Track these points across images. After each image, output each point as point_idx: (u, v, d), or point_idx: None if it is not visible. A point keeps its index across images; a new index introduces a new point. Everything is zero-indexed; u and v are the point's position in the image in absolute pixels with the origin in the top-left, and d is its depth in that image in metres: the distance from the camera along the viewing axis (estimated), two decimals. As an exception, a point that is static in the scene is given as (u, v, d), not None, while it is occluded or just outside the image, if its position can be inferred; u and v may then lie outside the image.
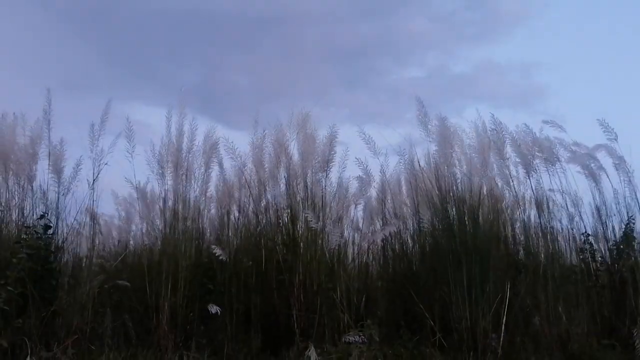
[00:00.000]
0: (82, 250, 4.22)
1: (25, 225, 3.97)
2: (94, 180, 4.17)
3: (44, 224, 3.97)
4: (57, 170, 4.12)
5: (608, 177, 4.45)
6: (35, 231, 3.90)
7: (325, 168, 4.28)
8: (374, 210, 4.80)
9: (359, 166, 4.41)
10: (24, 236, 3.83)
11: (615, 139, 4.37)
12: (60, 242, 4.03)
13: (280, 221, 4.25)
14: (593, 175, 4.46)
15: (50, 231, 3.98)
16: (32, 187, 4.12)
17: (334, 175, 4.41)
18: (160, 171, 4.20)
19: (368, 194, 4.66)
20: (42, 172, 4.14)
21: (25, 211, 4.09)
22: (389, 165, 4.62)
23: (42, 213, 4.02)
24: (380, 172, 4.58)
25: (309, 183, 4.24)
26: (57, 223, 4.05)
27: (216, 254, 3.94)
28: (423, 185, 4.22)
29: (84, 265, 4.03)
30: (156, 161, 4.20)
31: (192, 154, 4.28)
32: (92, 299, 3.87)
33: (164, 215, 4.22)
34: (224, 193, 4.62)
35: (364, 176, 4.47)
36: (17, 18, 10.80)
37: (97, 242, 4.35)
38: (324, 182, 4.31)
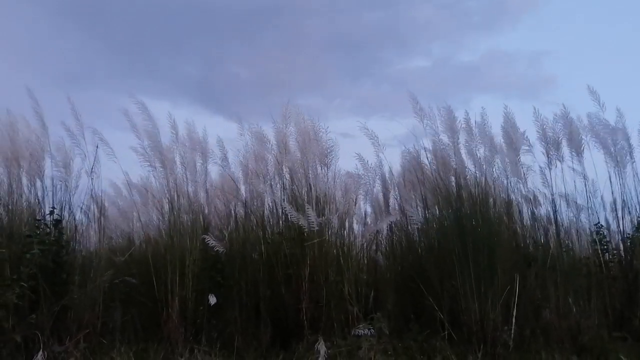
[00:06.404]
0: (91, 244, 4.24)
1: (37, 218, 3.98)
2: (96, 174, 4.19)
3: (54, 218, 4.00)
4: (64, 164, 4.13)
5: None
6: (45, 224, 3.93)
7: (326, 161, 4.22)
8: (380, 204, 4.76)
9: (360, 161, 4.39)
10: (35, 232, 3.85)
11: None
12: (70, 235, 4.05)
13: (283, 216, 4.21)
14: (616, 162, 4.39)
15: (61, 225, 4.00)
16: (42, 182, 4.12)
17: (338, 168, 4.37)
18: (161, 165, 4.20)
19: (372, 187, 4.62)
20: (49, 167, 4.15)
21: (35, 206, 4.10)
22: (395, 157, 4.61)
23: (51, 208, 4.04)
24: (386, 164, 4.55)
25: (310, 177, 4.19)
26: (63, 216, 4.06)
27: (211, 245, 3.93)
28: (430, 177, 4.17)
29: (93, 259, 4.04)
30: (159, 154, 4.19)
31: (193, 148, 4.30)
32: (102, 294, 3.89)
33: (166, 209, 4.23)
34: (228, 186, 4.61)
35: (368, 169, 4.43)
36: (17, 11, 10.80)
37: (105, 235, 4.35)
38: (326, 176, 4.26)
